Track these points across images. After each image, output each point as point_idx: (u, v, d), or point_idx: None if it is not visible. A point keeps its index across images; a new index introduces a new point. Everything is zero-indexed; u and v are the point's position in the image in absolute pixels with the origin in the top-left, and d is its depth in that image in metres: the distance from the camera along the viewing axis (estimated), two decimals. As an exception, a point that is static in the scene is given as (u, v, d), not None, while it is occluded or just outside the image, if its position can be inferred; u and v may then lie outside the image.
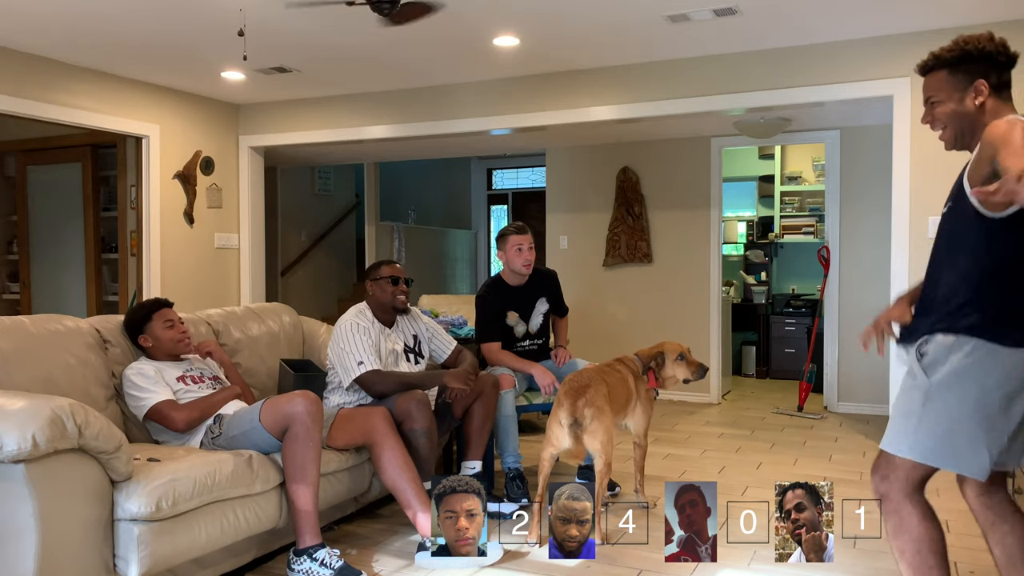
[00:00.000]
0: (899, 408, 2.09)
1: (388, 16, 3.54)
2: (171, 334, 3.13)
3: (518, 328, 4.09)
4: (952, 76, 2.05)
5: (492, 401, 3.63)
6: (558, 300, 4.28)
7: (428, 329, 3.80)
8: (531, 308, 4.13)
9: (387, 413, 3.20)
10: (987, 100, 2.02)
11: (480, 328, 4.06)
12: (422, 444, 3.25)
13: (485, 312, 4.04)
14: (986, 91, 2.02)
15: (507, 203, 10.99)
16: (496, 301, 4.04)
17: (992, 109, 2.02)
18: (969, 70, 2.03)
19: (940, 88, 2.08)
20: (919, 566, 2.05)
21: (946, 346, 1.98)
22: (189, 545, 2.51)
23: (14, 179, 7.08)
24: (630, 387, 3.56)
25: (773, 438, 5.14)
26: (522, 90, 5.67)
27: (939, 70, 2.08)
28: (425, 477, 3.27)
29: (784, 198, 8.12)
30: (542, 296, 4.17)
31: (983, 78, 2.01)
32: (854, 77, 4.79)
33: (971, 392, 1.94)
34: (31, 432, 2.10)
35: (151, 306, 3.18)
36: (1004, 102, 2.04)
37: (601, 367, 3.56)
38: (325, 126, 6.33)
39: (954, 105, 2.06)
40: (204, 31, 4.62)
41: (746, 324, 7.91)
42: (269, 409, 2.83)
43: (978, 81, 2.01)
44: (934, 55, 2.09)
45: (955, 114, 2.07)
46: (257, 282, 6.71)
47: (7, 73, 4.98)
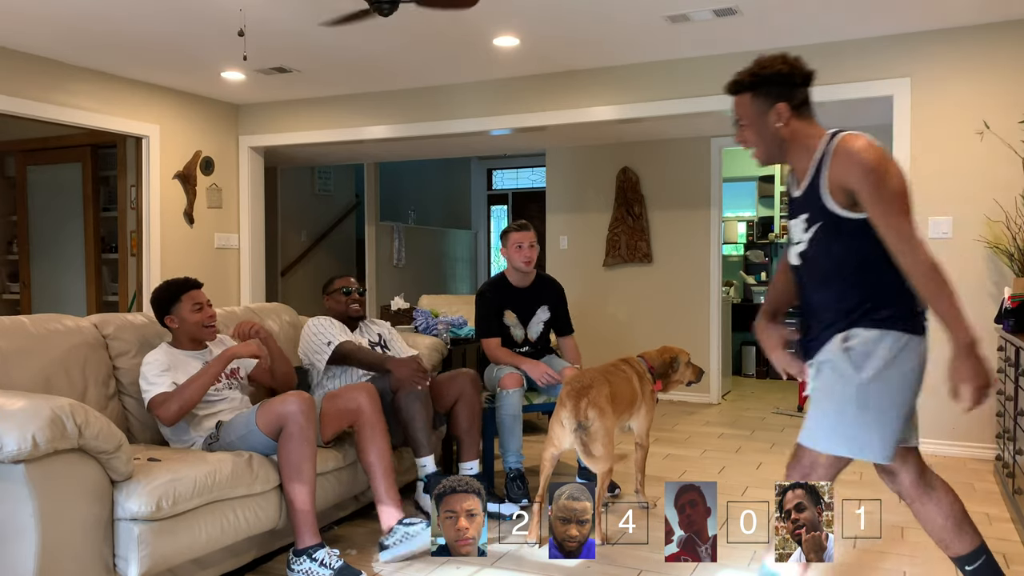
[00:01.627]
0: (824, 405, 2.13)
1: (388, 15, 3.53)
2: (198, 317, 3.08)
3: (516, 331, 4.06)
4: (755, 99, 2.12)
5: (474, 400, 3.61)
6: (562, 315, 4.18)
7: (389, 332, 3.91)
8: (531, 313, 4.10)
9: (372, 389, 3.18)
10: (790, 121, 2.09)
11: (479, 324, 4.06)
12: (417, 410, 3.29)
13: (484, 307, 4.04)
14: (787, 113, 2.09)
15: (507, 203, 10.99)
16: (496, 298, 4.03)
17: (796, 128, 2.10)
18: (769, 93, 2.10)
19: (745, 111, 2.15)
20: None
21: (872, 339, 2.05)
22: (189, 545, 2.51)
23: (14, 179, 7.08)
24: (635, 387, 3.56)
25: (773, 438, 5.14)
26: (522, 90, 5.67)
27: (743, 93, 2.15)
28: (422, 452, 3.31)
29: (784, 198, 8.12)
30: (544, 304, 4.12)
31: (783, 100, 2.09)
32: (854, 77, 4.78)
33: (898, 380, 2.05)
34: (31, 432, 2.10)
35: (181, 285, 3.11)
36: (807, 119, 2.12)
37: (606, 367, 3.55)
38: (325, 126, 6.33)
39: (759, 127, 2.13)
40: (204, 31, 4.62)
41: (746, 324, 7.90)
42: (263, 411, 2.84)
43: (778, 104, 2.09)
44: (735, 79, 2.16)
45: (762, 135, 2.14)
46: (257, 282, 6.71)
47: (7, 73, 4.98)
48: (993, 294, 4.48)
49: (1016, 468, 3.43)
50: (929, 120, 4.64)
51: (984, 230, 4.50)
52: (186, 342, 3.13)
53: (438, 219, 10.55)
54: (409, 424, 3.32)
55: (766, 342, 2.40)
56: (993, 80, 4.50)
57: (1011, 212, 4.41)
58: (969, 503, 3.69)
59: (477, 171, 11.03)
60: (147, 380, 2.96)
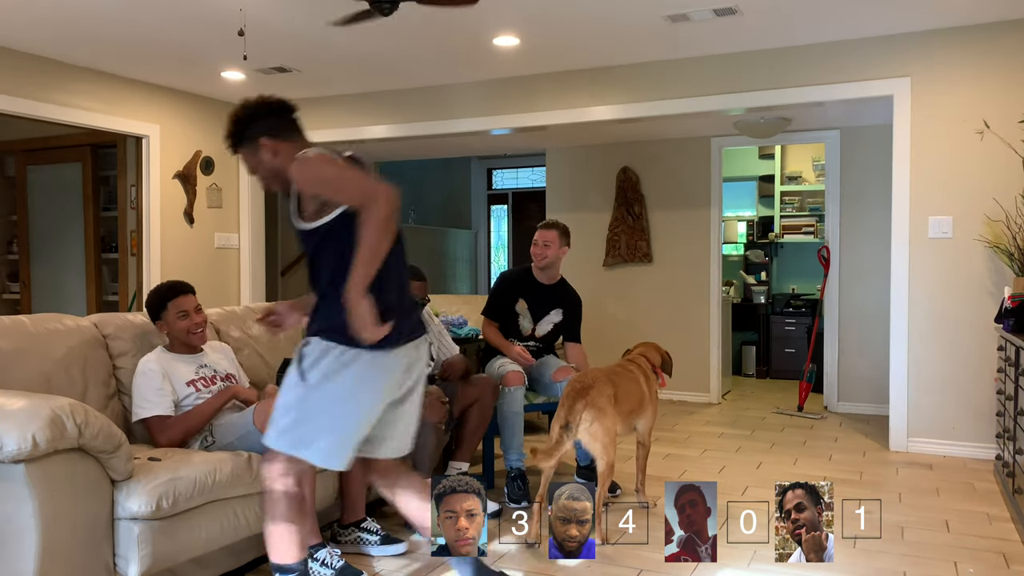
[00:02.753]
0: (279, 403, 2.27)
1: (388, 14, 3.53)
2: (184, 324, 3.10)
3: (524, 322, 4.11)
4: (247, 148, 2.31)
5: (489, 406, 3.65)
6: (573, 323, 4.22)
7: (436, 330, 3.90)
8: (545, 311, 4.14)
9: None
10: (279, 150, 2.27)
11: (488, 301, 4.19)
12: (429, 439, 3.29)
13: (498, 289, 4.17)
14: (271, 145, 2.27)
15: (507, 203, 10.98)
16: (515, 284, 4.14)
17: (287, 152, 2.26)
18: (252, 137, 2.29)
19: (245, 157, 2.34)
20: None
21: (321, 350, 2.19)
22: (189, 544, 2.51)
23: (14, 179, 7.08)
24: (642, 388, 3.56)
25: (773, 438, 5.14)
26: (522, 90, 5.67)
27: (239, 150, 2.34)
28: (424, 472, 3.29)
29: (784, 198, 8.12)
30: (559, 307, 4.17)
31: (264, 136, 2.27)
32: (854, 77, 4.79)
33: (341, 391, 2.18)
34: (31, 432, 2.10)
35: (167, 293, 3.13)
36: (294, 140, 2.30)
37: (613, 368, 3.55)
38: (325, 126, 6.33)
39: (265, 166, 2.31)
40: (204, 31, 4.62)
41: (746, 324, 7.91)
42: (261, 412, 2.84)
43: (261, 140, 2.27)
44: (226, 144, 2.36)
45: (268, 172, 2.32)
46: (257, 282, 6.72)
47: (7, 73, 4.98)
48: (993, 294, 4.48)
49: (1016, 468, 3.43)
50: (929, 120, 4.64)
51: (984, 230, 4.50)
52: (179, 346, 3.14)
53: (438, 219, 10.55)
54: (419, 449, 3.29)
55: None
56: (993, 80, 4.50)
57: (1011, 212, 4.41)
58: (969, 503, 3.71)
59: (477, 171, 11.03)
60: (143, 396, 2.95)
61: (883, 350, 5.78)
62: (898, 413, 4.73)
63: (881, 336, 5.85)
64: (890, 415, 4.77)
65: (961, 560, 3.01)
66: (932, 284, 4.65)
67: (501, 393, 3.75)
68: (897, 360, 4.71)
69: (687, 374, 6.54)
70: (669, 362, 3.81)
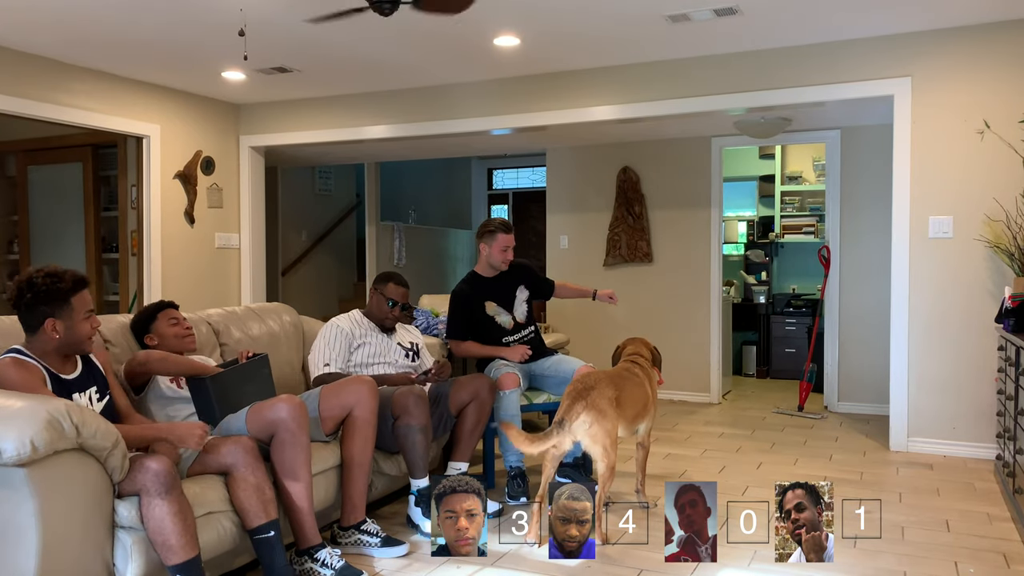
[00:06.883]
0: None
1: (389, 14, 3.53)
2: (175, 330, 3.21)
3: (502, 318, 4.12)
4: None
5: (487, 405, 3.66)
6: (540, 282, 4.34)
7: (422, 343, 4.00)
8: (511, 297, 4.19)
9: (373, 384, 3.17)
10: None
11: (449, 325, 4.16)
12: (417, 441, 3.29)
13: (457, 308, 4.12)
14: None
15: (507, 203, 10.99)
16: (475, 294, 4.11)
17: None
18: (32, 325, 2.50)
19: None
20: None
21: None
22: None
23: (14, 179, 7.08)
24: (647, 391, 3.55)
25: (773, 438, 5.14)
26: (522, 90, 5.68)
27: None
28: (417, 475, 3.30)
29: (784, 198, 8.12)
30: (520, 284, 4.23)
31: (50, 318, 2.47)
32: (854, 77, 4.79)
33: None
34: (29, 436, 2.10)
35: (156, 307, 3.28)
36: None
37: (618, 370, 3.54)
38: (325, 126, 6.33)
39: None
40: (204, 31, 4.62)
41: (746, 324, 7.91)
42: (254, 417, 2.84)
43: (47, 322, 2.47)
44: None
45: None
46: (257, 282, 6.72)
47: (7, 73, 4.98)
48: (993, 294, 4.48)
49: (1016, 467, 3.43)
50: (929, 120, 4.64)
51: (984, 230, 4.50)
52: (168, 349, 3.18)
53: (439, 219, 10.55)
54: (408, 452, 3.32)
55: None
56: (993, 80, 4.50)
57: (1011, 212, 4.41)
58: (969, 503, 3.71)
59: (477, 171, 11.03)
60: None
61: (883, 350, 5.78)
62: (898, 413, 4.73)
63: (881, 336, 5.85)
64: (890, 415, 4.77)
65: (961, 560, 3.01)
66: (932, 284, 4.65)
67: (497, 396, 3.76)
68: (897, 360, 4.71)
69: (687, 374, 6.54)
70: (658, 357, 3.82)
